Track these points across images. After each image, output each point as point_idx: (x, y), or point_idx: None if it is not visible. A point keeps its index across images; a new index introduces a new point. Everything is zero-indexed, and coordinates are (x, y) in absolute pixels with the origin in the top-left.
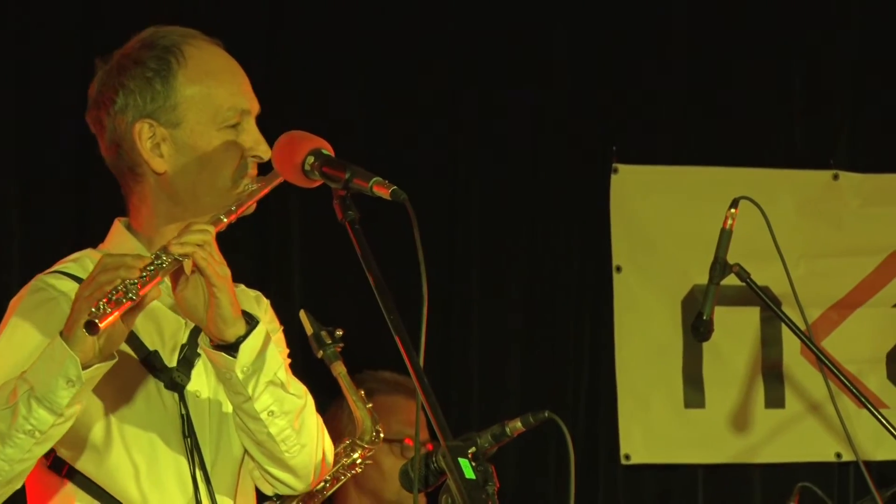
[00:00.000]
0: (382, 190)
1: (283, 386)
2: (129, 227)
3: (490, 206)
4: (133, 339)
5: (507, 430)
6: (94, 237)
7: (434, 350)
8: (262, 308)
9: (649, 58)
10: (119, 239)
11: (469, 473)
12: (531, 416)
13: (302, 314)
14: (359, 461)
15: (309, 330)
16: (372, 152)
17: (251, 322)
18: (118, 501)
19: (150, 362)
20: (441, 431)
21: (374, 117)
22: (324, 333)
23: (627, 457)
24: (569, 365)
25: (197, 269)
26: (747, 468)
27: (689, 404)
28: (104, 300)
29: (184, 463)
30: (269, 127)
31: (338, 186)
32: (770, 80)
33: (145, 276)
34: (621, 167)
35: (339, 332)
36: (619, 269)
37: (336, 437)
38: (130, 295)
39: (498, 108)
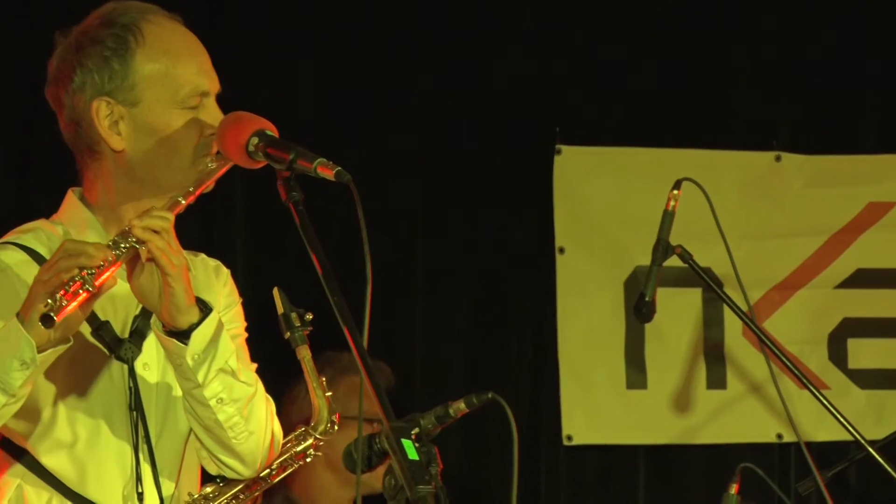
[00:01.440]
0: (327, 171)
1: (233, 374)
2: (82, 199)
3: (434, 187)
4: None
5: (451, 411)
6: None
7: (377, 332)
8: (222, 280)
9: (593, 39)
10: (73, 211)
11: (412, 454)
12: (475, 397)
13: (275, 292)
14: (310, 451)
15: (280, 309)
16: (315, 136)
17: (204, 310)
18: (51, 475)
19: (101, 333)
20: (384, 412)
21: (317, 100)
22: (294, 315)
23: (569, 437)
24: (512, 346)
25: (152, 258)
26: (689, 449)
27: (631, 385)
28: (61, 292)
29: (126, 437)
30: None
31: (282, 167)
32: (713, 61)
33: (103, 265)
34: (564, 148)
35: (309, 316)
36: (562, 250)
37: (300, 420)
38: (87, 286)
39: (441, 90)
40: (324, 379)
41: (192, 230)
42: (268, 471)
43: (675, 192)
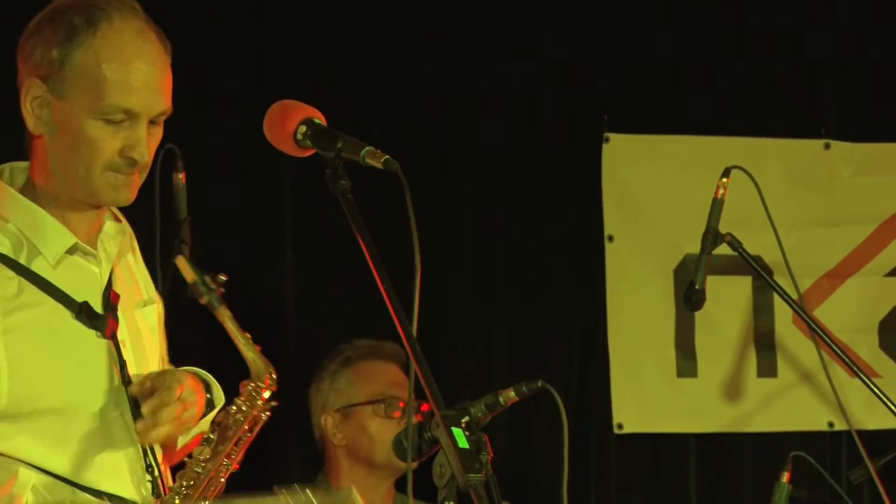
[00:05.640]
0: (374, 159)
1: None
2: (20, 182)
3: (483, 175)
4: (61, 295)
5: (501, 399)
6: None
7: (426, 319)
8: (134, 243)
9: (642, 27)
10: (13, 204)
11: (463, 443)
12: (524, 385)
13: (180, 261)
14: (262, 405)
15: (190, 277)
16: (363, 122)
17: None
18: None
19: (85, 314)
20: (434, 401)
21: (367, 87)
22: (206, 279)
23: (620, 426)
24: (561, 334)
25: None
26: (739, 437)
27: (681, 373)
28: None
29: (127, 411)
30: (264, 97)
31: (329, 156)
32: (762, 49)
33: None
34: (613, 136)
35: (223, 277)
36: (611, 238)
37: (320, 408)
38: None
39: (490, 78)
40: (248, 334)
41: (240, 220)
42: (238, 437)
43: (725, 179)
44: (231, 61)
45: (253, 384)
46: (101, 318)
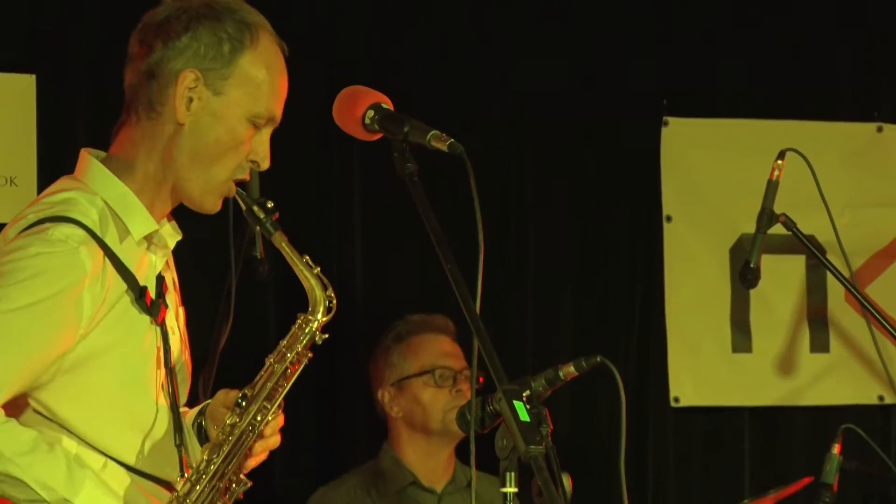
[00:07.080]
0: (440, 143)
1: None
2: (107, 163)
3: (543, 158)
4: (130, 277)
5: (561, 374)
6: None
7: (489, 297)
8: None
9: (699, 12)
10: (104, 180)
11: (524, 416)
12: (584, 360)
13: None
14: (317, 335)
15: (243, 206)
16: (427, 109)
17: None
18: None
19: (144, 298)
20: (496, 375)
21: (431, 72)
22: (256, 208)
23: (677, 399)
24: (620, 312)
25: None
26: (792, 411)
27: (736, 349)
28: None
29: (165, 400)
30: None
31: (397, 140)
32: (816, 34)
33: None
34: (671, 120)
35: (270, 204)
36: (669, 218)
37: (378, 383)
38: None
39: (549, 63)
40: (307, 258)
41: (311, 203)
42: (285, 367)
43: (780, 162)
44: (302, 46)
45: (302, 317)
46: (155, 303)
